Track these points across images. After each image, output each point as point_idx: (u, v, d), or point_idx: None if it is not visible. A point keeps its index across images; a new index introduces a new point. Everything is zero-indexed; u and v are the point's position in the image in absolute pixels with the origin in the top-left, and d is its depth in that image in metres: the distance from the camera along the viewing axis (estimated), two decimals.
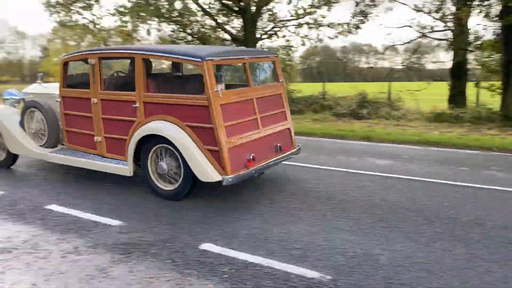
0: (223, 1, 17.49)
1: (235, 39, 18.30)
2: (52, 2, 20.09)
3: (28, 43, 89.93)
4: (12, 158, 7.34)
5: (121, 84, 6.44)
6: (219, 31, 18.91)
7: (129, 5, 17.85)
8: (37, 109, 6.75)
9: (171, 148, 5.33)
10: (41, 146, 6.91)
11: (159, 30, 20.50)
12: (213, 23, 18.47)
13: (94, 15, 24.58)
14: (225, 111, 5.03)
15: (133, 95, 5.58)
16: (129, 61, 6.53)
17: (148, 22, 18.31)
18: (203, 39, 18.19)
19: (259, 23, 18.04)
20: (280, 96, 6.24)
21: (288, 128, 6.29)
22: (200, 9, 17.78)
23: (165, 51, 5.76)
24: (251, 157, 5.27)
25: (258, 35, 18.13)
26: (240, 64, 6.06)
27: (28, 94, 7.42)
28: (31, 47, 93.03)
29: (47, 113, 6.64)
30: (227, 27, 18.60)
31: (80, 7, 21.60)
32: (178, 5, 17.50)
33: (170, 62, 7.55)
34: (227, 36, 19.00)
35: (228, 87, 5.45)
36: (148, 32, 20.07)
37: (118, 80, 6.72)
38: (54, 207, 5.87)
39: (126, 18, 18.25)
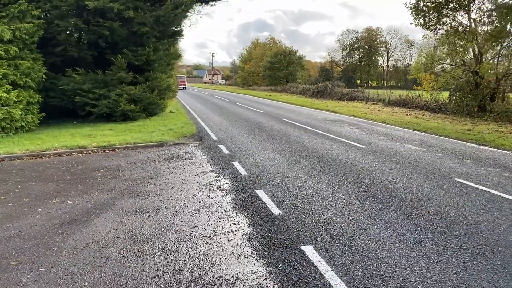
0: None
1: None
2: (421, 6, 19.13)
3: (415, 51, 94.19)
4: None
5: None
6: None
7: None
8: None
9: None
10: None
11: None
12: None
13: (470, 18, 21.96)
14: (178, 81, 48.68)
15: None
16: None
17: None
18: None
19: None
20: (184, 80, 68.36)
21: (186, 85, 68.24)
22: None
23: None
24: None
25: None
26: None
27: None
28: (418, 55, 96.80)
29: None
30: None
31: (452, 9, 19.68)
32: None
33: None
34: None
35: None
36: None
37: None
38: (309, 250, 4.83)
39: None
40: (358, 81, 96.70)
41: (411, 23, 29.55)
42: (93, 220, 5.81)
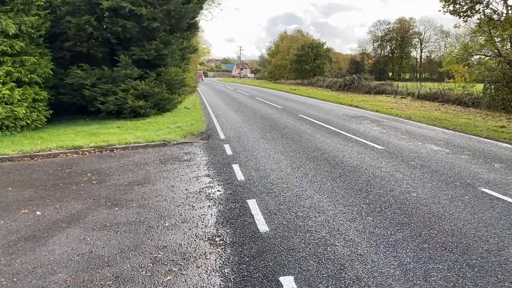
0: None
1: None
2: None
3: (450, 42, 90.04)
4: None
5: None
6: None
7: None
8: None
9: None
10: None
11: None
12: None
13: (507, 4, 20.15)
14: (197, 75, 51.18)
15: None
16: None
17: None
18: None
19: None
20: (201, 74, 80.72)
21: (202, 78, 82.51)
22: None
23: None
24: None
25: None
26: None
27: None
28: (450, 45, 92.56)
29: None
30: None
31: None
32: None
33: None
34: None
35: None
36: None
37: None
38: (287, 283, 4.02)
39: None
40: (390, 74, 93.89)
41: (439, 10, 27.54)
42: (54, 237, 5.17)
